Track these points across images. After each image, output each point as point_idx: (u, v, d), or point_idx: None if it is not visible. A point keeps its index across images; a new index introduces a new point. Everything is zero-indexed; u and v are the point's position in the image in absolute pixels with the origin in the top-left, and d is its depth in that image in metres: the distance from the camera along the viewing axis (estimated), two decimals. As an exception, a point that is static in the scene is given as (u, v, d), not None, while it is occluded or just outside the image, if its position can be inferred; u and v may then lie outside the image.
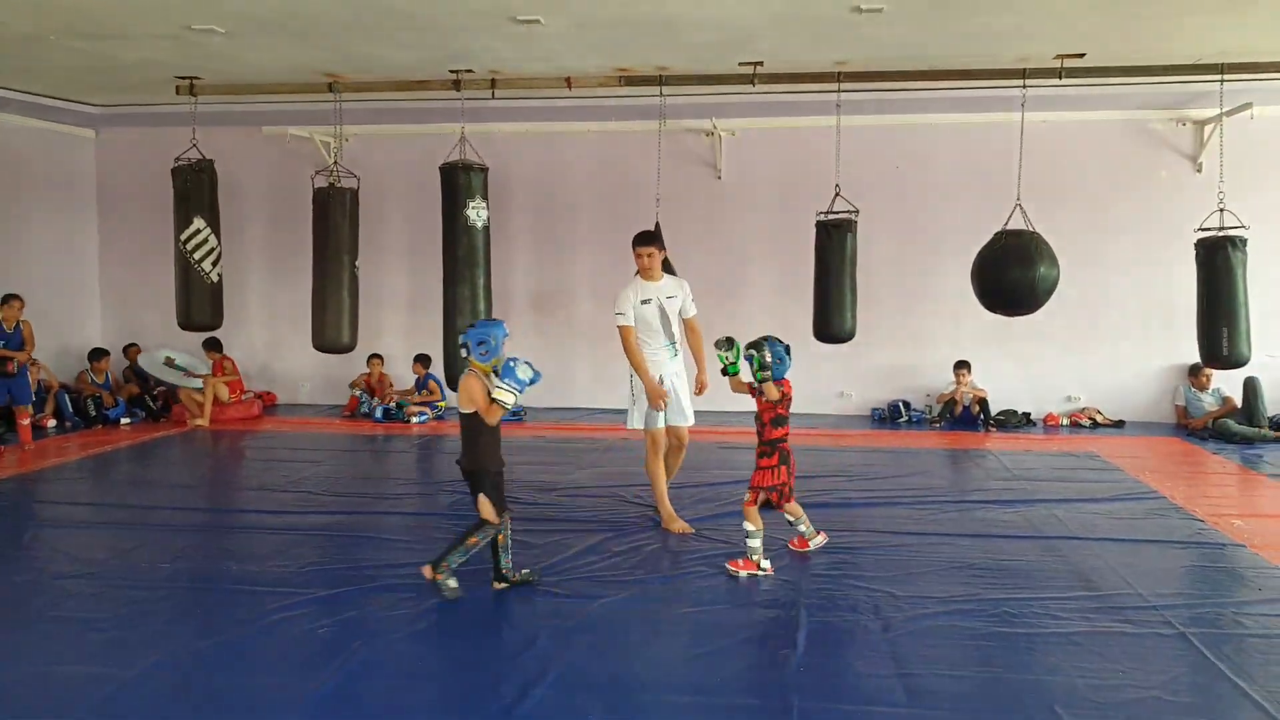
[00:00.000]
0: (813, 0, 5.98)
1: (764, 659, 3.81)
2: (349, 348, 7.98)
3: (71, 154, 10.47)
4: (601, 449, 8.10)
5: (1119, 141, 9.39)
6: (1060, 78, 7.42)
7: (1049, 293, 6.95)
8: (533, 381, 4.43)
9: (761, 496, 4.91)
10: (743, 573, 4.77)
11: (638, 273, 5.77)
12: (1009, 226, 7.06)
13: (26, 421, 8.03)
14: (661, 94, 8.12)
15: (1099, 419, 9.41)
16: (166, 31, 6.79)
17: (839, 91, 7.87)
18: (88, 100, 10.03)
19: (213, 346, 9.72)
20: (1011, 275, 6.92)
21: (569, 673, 3.66)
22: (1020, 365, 9.67)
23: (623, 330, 5.67)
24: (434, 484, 6.97)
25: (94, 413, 9.32)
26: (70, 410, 9.23)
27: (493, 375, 4.44)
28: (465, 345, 4.49)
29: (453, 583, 4.40)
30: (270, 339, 10.71)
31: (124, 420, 9.41)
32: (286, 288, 10.42)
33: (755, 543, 4.81)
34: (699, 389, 5.88)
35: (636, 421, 5.81)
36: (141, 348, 10.37)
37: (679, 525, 5.61)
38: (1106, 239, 9.37)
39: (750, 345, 5.01)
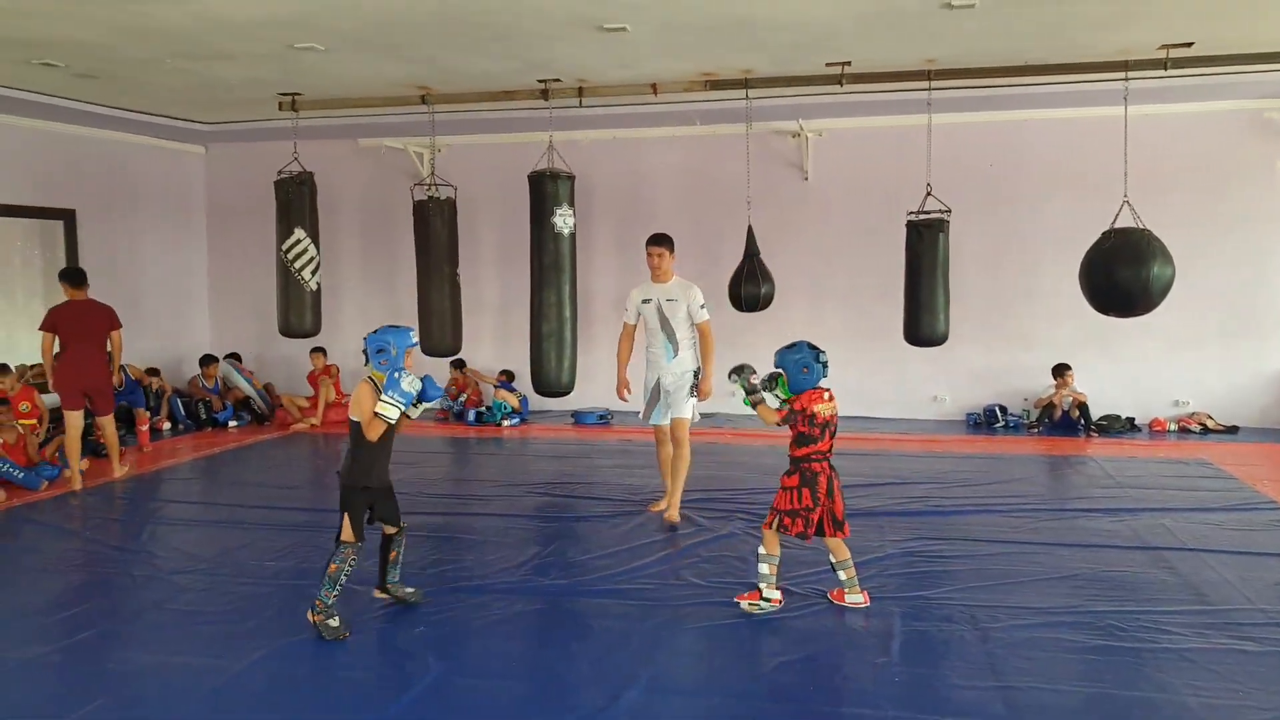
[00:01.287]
0: (902, -3, 5.88)
1: (858, 667, 3.75)
2: (453, 352, 8.30)
3: (183, 169, 10.99)
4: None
5: (1230, 133, 8.94)
6: (1165, 69, 7.10)
7: (1164, 292, 6.64)
8: (424, 397, 4.15)
9: (777, 520, 4.31)
10: (745, 604, 4.32)
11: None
12: (1117, 224, 6.79)
13: (145, 426, 8.45)
14: (747, 97, 8.08)
15: (1210, 424, 8.97)
16: (269, 51, 7.07)
17: (929, 90, 7.71)
18: (197, 118, 10.50)
19: (319, 351, 10.11)
20: (1123, 275, 6.64)
21: (661, 675, 3.66)
22: (1123, 368, 9.29)
23: (623, 325, 6.21)
24: (522, 486, 7.07)
25: (204, 416, 9.74)
26: (183, 414, 9.67)
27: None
28: (365, 351, 4.23)
29: (333, 622, 4.06)
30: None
31: (231, 423, 9.82)
32: (381, 294, 10.73)
33: (764, 568, 4.31)
34: (700, 395, 5.98)
35: (644, 416, 6.16)
36: (242, 356, 10.78)
37: (661, 506, 6.05)
38: (1217, 235, 8.93)
39: (734, 370, 4.61)
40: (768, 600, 4.30)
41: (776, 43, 6.89)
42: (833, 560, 4.42)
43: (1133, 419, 9.17)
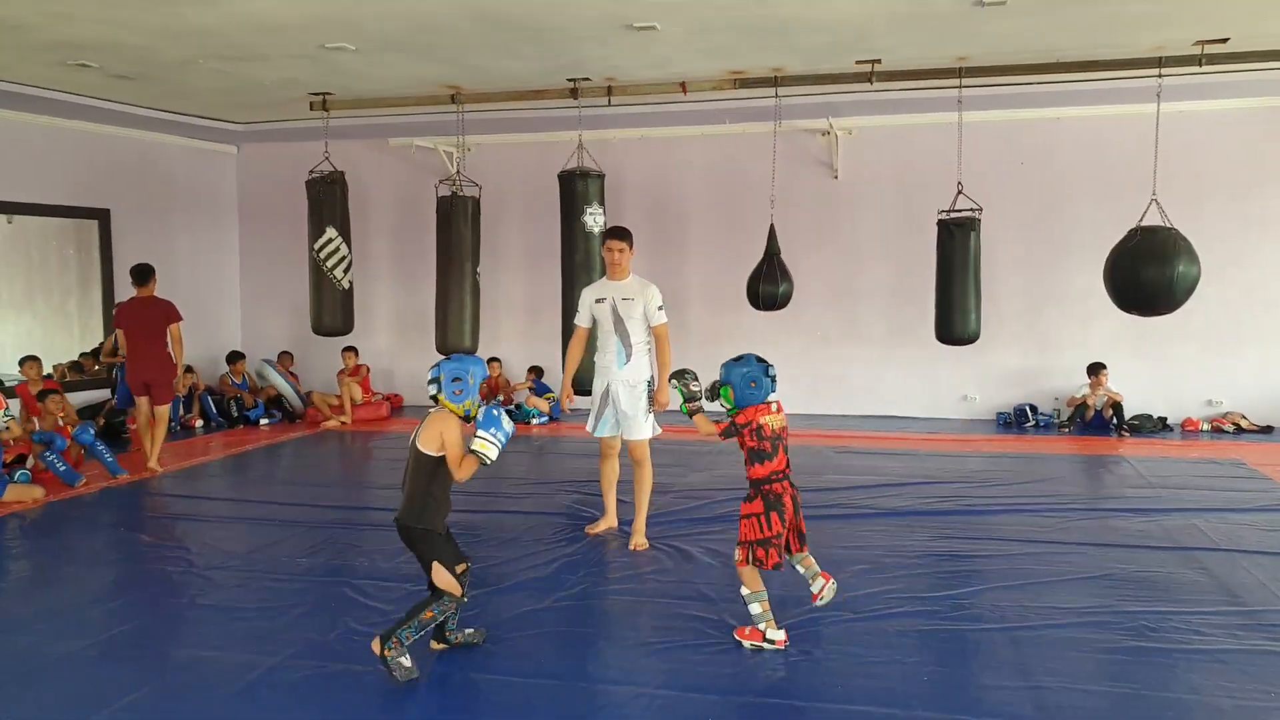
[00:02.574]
0: (933, -5, 5.85)
1: (887, 666, 3.74)
2: (471, 351, 8.24)
3: (216, 169, 11.15)
4: (715, 451, 8.10)
5: (1267, 130, 8.82)
6: (1200, 65, 7.02)
7: (1188, 292, 6.58)
8: (507, 438, 3.83)
9: (750, 554, 3.88)
10: (747, 643, 3.92)
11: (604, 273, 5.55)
12: (1144, 223, 6.73)
13: (135, 426, 8.16)
14: (777, 95, 8.08)
15: (1244, 424, 8.86)
16: (302, 52, 7.16)
17: (960, 88, 7.66)
18: (231, 118, 10.64)
19: (350, 350, 10.22)
20: (1147, 274, 6.58)
21: (689, 673, 3.68)
22: (1155, 367, 9.19)
23: (575, 328, 5.59)
24: (552, 484, 7.10)
25: (236, 414, 9.87)
26: (214, 411, 9.80)
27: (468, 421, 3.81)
28: (437, 380, 3.87)
29: (406, 661, 3.61)
30: (397, 342, 11.13)
31: (263, 421, 9.94)
32: (412, 292, 10.82)
33: (756, 609, 3.92)
34: (656, 404, 5.35)
35: (590, 426, 5.59)
36: (293, 355, 10.87)
37: (599, 528, 5.63)
38: (1252, 234, 8.81)
39: (673, 374, 4.33)
40: (770, 642, 3.90)
41: (806, 41, 6.88)
42: (803, 570, 4.05)
43: (1165, 419, 9.07)
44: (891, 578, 4.78)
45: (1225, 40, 6.82)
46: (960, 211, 7.54)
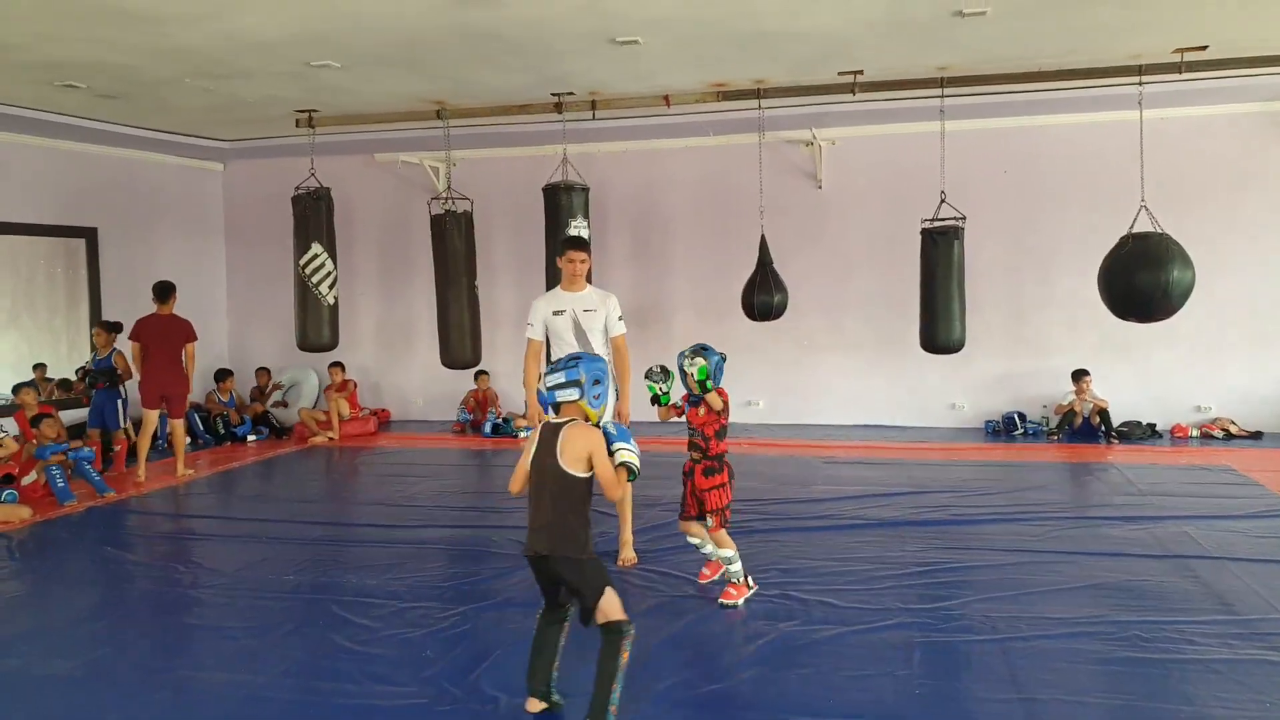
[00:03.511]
0: (912, 6, 5.87)
1: (878, 679, 3.72)
2: (473, 363, 8.34)
3: (201, 186, 11.11)
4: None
5: (1249, 136, 8.88)
6: (1180, 72, 7.06)
7: (1184, 297, 6.58)
8: None
9: (723, 517, 4.53)
10: (739, 601, 4.46)
11: (558, 283, 5.43)
12: (1135, 229, 6.75)
13: (120, 448, 8.23)
14: (760, 106, 8.10)
15: (1233, 430, 8.88)
16: (287, 69, 7.14)
17: (942, 97, 7.70)
18: (216, 135, 10.60)
19: (336, 365, 10.18)
20: (1142, 279, 6.59)
21: (682, 685, 3.65)
22: (1143, 374, 9.22)
23: (528, 344, 5.34)
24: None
25: (223, 431, 9.81)
26: (201, 428, 9.73)
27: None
28: (576, 383, 3.40)
29: None
30: (384, 357, 11.09)
31: (250, 438, 9.88)
32: (398, 306, 10.80)
33: (737, 566, 4.53)
34: (620, 418, 5.18)
35: None
36: (270, 370, 10.83)
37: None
38: (1237, 239, 8.86)
39: (691, 353, 4.50)
40: (753, 589, 4.61)
41: (789, 53, 6.91)
42: (696, 542, 4.77)
43: (1154, 425, 9.09)
44: (882, 589, 4.77)
45: (1204, 48, 6.87)
46: (944, 220, 7.56)
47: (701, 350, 4.51)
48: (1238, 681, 3.61)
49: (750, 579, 4.63)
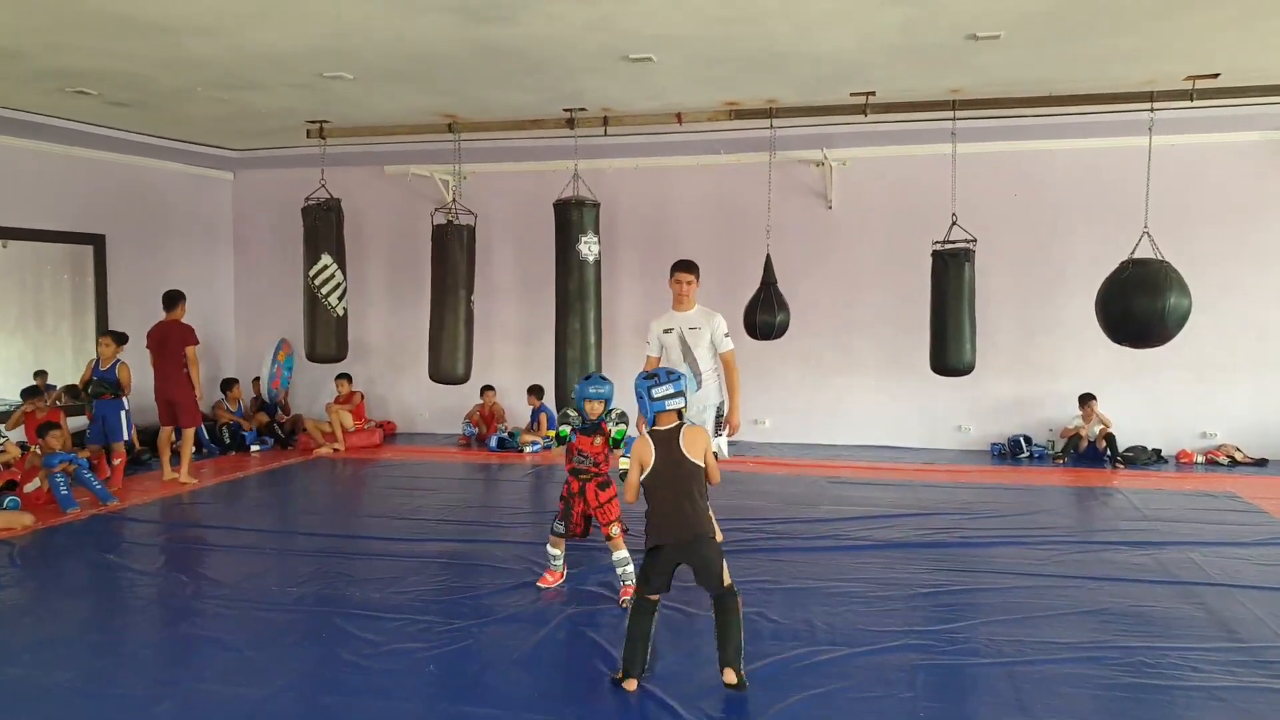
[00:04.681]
0: (926, 29, 5.91)
1: (883, 702, 3.70)
2: (463, 379, 8.15)
3: (212, 195, 11.17)
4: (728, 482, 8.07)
5: (1259, 163, 8.90)
6: (1191, 99, 7.09)
7: (1180, 324, 6.60)
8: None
9: (620, 525, 4.96)
10: (629, 598, 4.60)
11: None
12: (1136, 255, 6.76)
13: (120, 461, 7.96)
14: (772, 126, 8.13)
15: (1238, 457, 8.85)
16: (299, 80, 7.19)
17: (954, 119, 7.72)
18: (227, 145, 10.67)
19: (343, 377, 10.19)
20: (1139, 305, 6.61)
21: (686, 708, 3.63)
22: (1150, 399, 9.20)
23: (646, 359, 5.83)
24: (546, 513, 7.06)
25: (228, 440, 9.81)
26: (207, 437, 9.73)
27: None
28: (683, 393, 4.08)
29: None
30: (391, 369, 11.10)
31: (255, 448, 9.88)
32: (406, 319, 10.81)
33: (631, 567, 4.86)
34: (729, 429, 5.65)
35: None
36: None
37: None
38: (1244, 266, 8.86)
39: (617, 419, 4.98)
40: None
41: (801, 74, 6.94)
42: (552, 553, 5.17)
43: (1159, 450, 9.07)
44: (887, 611, 4.75)
45: (1216, 76, 6.89)
46: (954, 242, 7.57)
47: (618, 415, 4.98)
48: (1242, 709, 3.59)
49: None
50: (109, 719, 3.61)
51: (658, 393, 4.00)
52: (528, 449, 9.70)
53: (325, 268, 8.25)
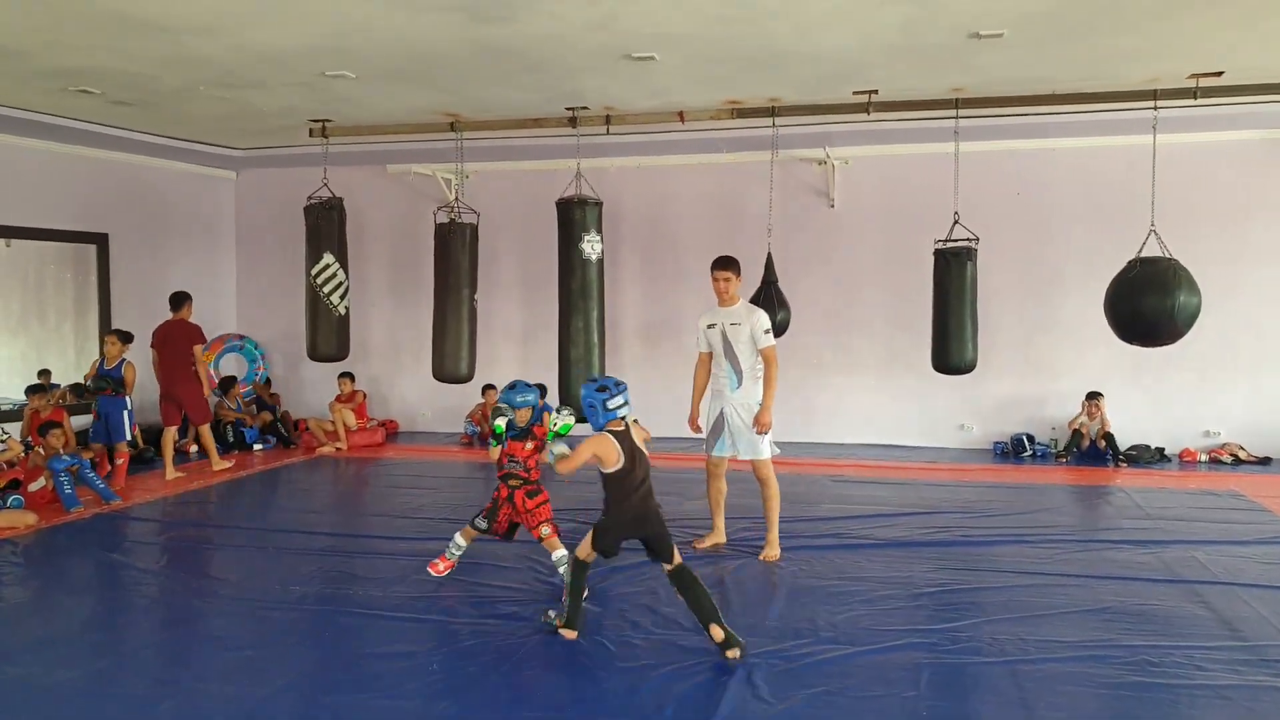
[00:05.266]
0: (928, 28, 5.90)
1: (886, 701, 3.70)
2: (466, 378, 8.18)
3: (214, 194, 11.17)
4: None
5: (1261, 162, 8.88)
6: (1195, 98, 7.08)
7: (1190, 322, 6.58)
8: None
9: (550, 529, 5.09)
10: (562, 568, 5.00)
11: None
12: (1144, 253, 6.75)
13: (122, 461, 7.92)
14: (774, 125, 8.12)
15: (1242, 455, 8.84)
16: (302, 79, 7.19)
17: (957, 118, 7.71)
18: (229, 144, 10.67)
19: (345, 376, 10.20)
20: (1148, 304, 6.59)
21: (684, 710, 3.64)
22: (1152, 398, 9.19)
23: (698, 355, 5.91)
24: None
25: (231, 439, 9.81)
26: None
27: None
28: (629, 402, 4.35)
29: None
30: (393, 368, 11.10)
31: (257, 446, 9.89)
32: (408, 318, 10.82)
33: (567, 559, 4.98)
34: (757, 427, 5.60)
35: (706, 446, 5.92)
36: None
37: (706, 544, 5.90)
38: (1248, 264, 8.85)
39: (567, 412, 4.88)
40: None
41: (803, 72, 6.93)
42: (461, 542, 5.27)
43: (1162, 449, 9.06)
44: (889, 610, 4.75)
45: (1219, 74, 6.88)
46: (956, 241, 7.56)
47: (565, 407, 4.99)
48: (1246, 708, 3.59)
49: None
50: (112, 718, 3.61)
51: (611, 404, 4.25)
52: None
53: (327, 267, 8.25)
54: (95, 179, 9.61)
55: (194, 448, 9.50)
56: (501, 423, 4.95)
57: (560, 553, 5.04)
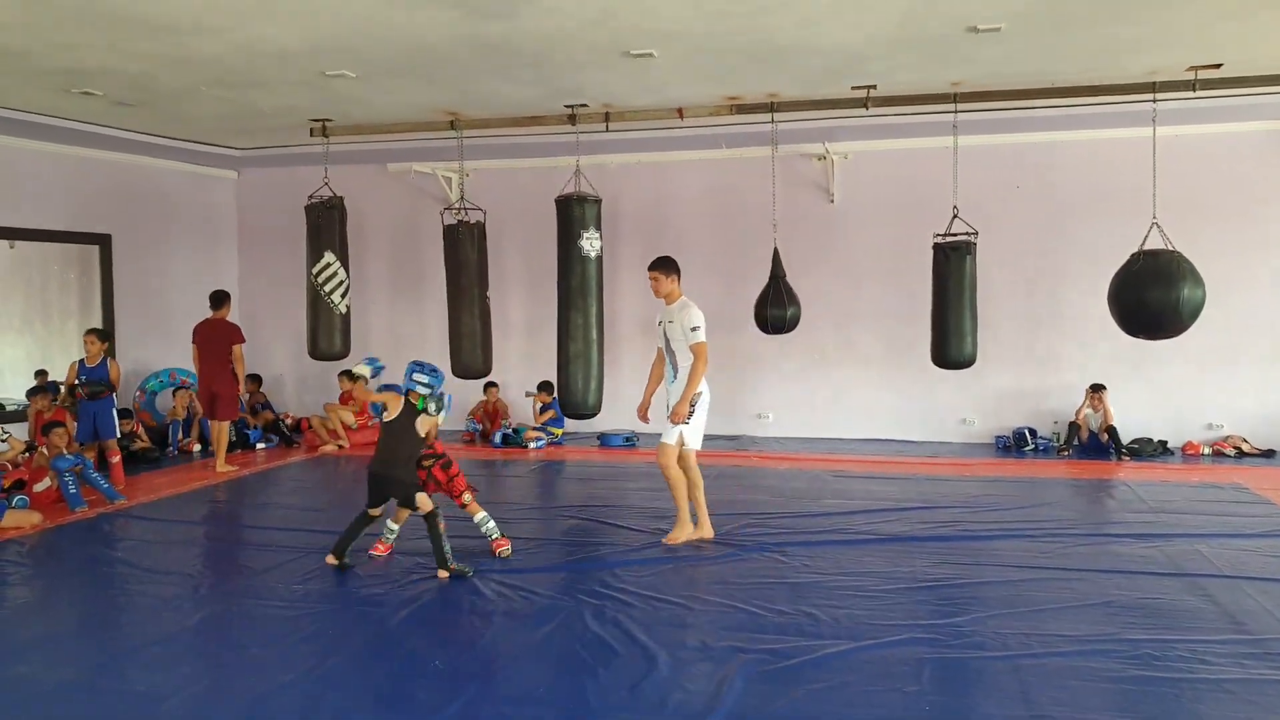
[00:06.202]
0: (926, 22, 5.89)
1: (888, 696, 3.70)
2: (484, 373, 8.39)
3: (215, 194, 11.19)
4: (714, 476, 8.06)
5: (1262, 153, 8.86)
6: (1194, 90, 7.06)
7: (1194, 314, 6.57)
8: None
9: (469, 491, 5.72)
10: (508, 547, 5.63)
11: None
12: (1146, 246, 6.74)
13: (117, 459, 7.90)
14: (773, 120, 8.12)
15: (1245, 448, 8.83)
16: (302, 78, 7.19)
17: (955, 112, 7.71)
18: (230, 144, 10.68)
19: (345, 374, 10.19)
20: (1153, 297, 6.58)
21: (689, 702, 3.64)
22: (1155, 390, 9.18)
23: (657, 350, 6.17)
24: (552, 508, 7.08)
25: (234, 438, 9.81)
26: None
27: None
28: (430, 388, 5.35)
29: (469, 571, 5.24)
30: (395, 366, 11.06)
31: (260, 445, 9.90)
32: (409, 316, 10.83)
33: (491, 524, 5.68)
34: (671, 416, 5.81)
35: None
36: (261, 378, 10.85)
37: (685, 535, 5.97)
38: (1250, 256, 8.83)
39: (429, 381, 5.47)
40: (507, 539, 5.69)
41: (802, 67, 6.93)
42: (393, 525, 5.73)
43: (1165, 442, 9.05)
44: (891, 604, 4.75)
45: (1218, 66, 6.87)
46: (956, 235, 7.56)
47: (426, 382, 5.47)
48: (1250, 701, 3.58)
49: (502, 535, 5.69)
50: (116, 716, 3.62)
51: (416, 378, 5.39)
52: (532, 444, 9.71)
53: (328, 265, 8.27)
54: (97, 180, 9.63)
55: (197, 447, 9.53)
56: (433, 406, 5.40)
57: (481, 515, 5.66)
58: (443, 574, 5.21)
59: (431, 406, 5.35)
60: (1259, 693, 3.66)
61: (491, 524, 5.68)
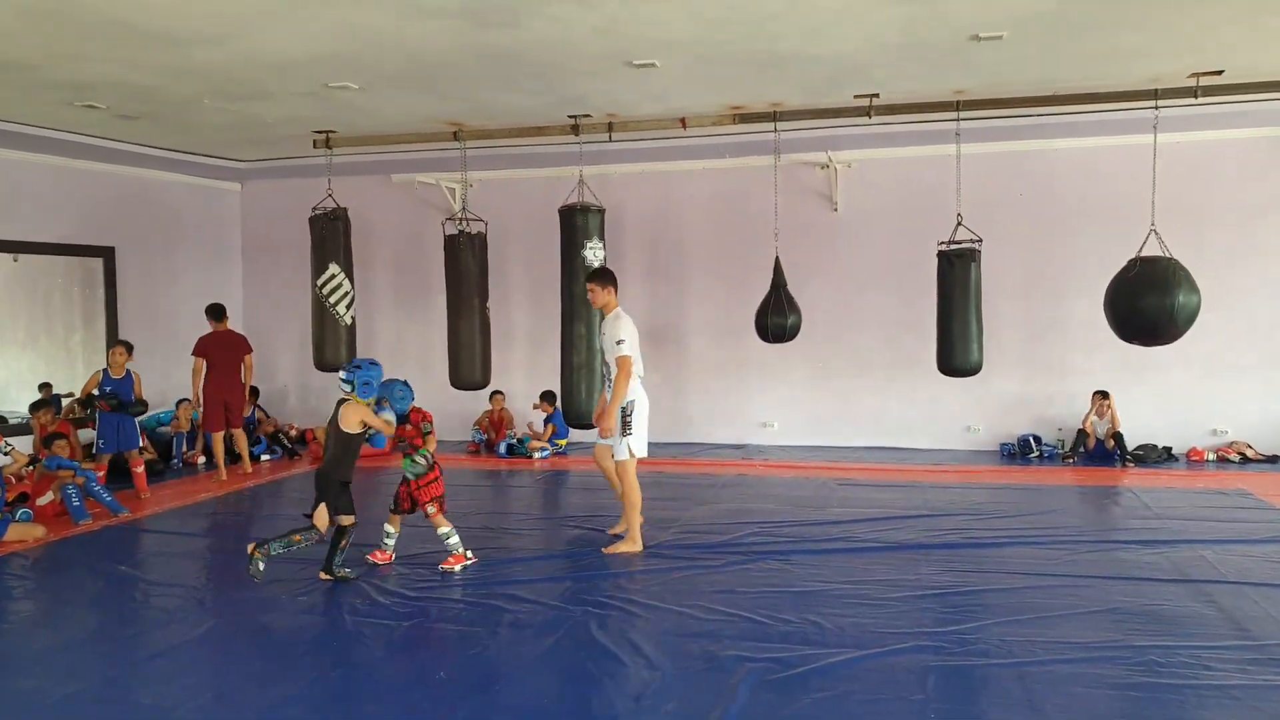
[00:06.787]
0: (929, 30, 5.91)
1: (893, 704, 3.70)
2: (482, 384, 8.37)
3: (220, 206, 11.23)
4: (719, 485, 8.07)
5: (1265, 160, 8.86)
6: (1196, 96, 7.08)
7: (1189, 321, 6.58)
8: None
9: (439, 505, 5.65)
10: (457, 567, 5.56)
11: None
12: (1144, 253, 6.75)
13: (140, 469, 7.94)
14: (776, 129, 8.14)
15: (1250, 454, 8.81)
16: (306, 90, 7.23)
17: (958, 120, 7.72)
18: (235, 156, 10.73)
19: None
20: (1147, 303, 6.59)
21: (690, 711, 3.64)
22: (1160, 397, 9.17)
23: None
24: (557, 519, 7.08)
25: (237, 449, 9.81)
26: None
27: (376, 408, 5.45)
28: (351, 384, 5.35)
29: (261, 566, 5.13)
30: (399, 377, 11.08)
31: (264, 457, 9.91)
32: (414, 326, 10.85)
33: (455, 539, 5.61)
34: (600, 426, 6.08)
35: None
36: (259, 390, 10.84)
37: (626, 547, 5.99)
38: (1254, 262, 8.83)
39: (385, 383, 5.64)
40: (470, 559, 5.64)
41: (805, 75, 6.95)
42: (390, 532, 5.78)
43: (1169, 448, 9.04)
44: (896, 612, 4.75)
45: (1220, 72, 6.88)
46: (960, 243, 7.56)
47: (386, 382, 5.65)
48: (1254, 707, 3.57)
49: (469, 552, 5.65)
50: (122, 728, 3.62)
51: (340, 374, 5.47)
52: (537, 455, 9.72)
53: (333, 277, 8.30)
54: (101, 192, 9.66)
55: (201, 459, 9.54)
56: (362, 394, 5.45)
57: (445, 528, 5.61)
58: (324, 575, 5.39)
59: (361, 395, 5.38)
60: (1264, 699, 3.65)
61: (455, 539, 5.63)
